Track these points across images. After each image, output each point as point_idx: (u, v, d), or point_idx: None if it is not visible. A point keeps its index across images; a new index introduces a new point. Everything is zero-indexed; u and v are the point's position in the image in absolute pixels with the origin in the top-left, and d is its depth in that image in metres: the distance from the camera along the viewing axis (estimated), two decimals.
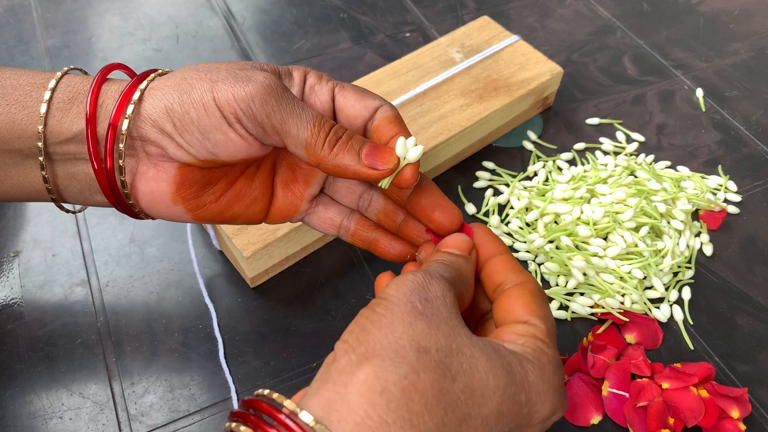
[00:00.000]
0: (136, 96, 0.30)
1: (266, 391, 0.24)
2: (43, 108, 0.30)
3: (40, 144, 0.31)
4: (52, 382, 0.41)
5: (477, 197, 0.52)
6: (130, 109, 0.30)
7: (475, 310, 0.33)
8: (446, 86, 0.53)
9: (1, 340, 0.43)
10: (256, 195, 0.34)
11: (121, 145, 0.30)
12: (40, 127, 0.30)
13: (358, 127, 0.33)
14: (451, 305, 0.26)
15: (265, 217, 0.36)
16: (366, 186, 0.36)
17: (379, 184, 0.31)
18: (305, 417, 0.22)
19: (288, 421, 0.22)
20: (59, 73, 0.32)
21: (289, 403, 0.23)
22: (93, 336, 0.43)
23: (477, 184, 0.53)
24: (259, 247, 0.43)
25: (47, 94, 0.31)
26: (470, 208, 0.51)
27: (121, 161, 0.31)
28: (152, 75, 0.32)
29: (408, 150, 0.30)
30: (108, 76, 0.32)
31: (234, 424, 0.24)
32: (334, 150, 0.30)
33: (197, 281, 0.46)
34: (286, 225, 0.44)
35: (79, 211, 0.37)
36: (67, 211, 0.36)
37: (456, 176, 0.53)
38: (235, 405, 0.40)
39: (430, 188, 0.33)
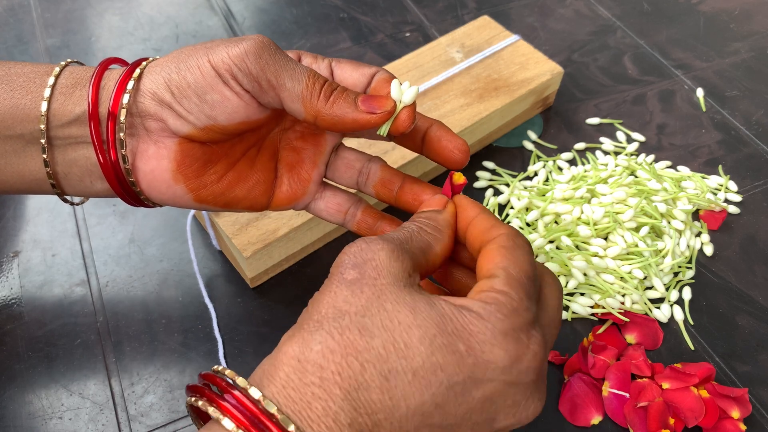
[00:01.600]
0: (136, 73, 0.32)
1: (220, 367, 0.26)
2: (47, 92, 0.31)
3: (42, 126, 0.31)
4: (52, 383, 0.41)
5: (477, 197, 0.52)
6: (130, 84, 0.31)
7: (465, 269, 0.33)
8: (446, 86, 0.53)
9: (0, 340, 0.43)
10: (259, 177, 0.35)
11: (122, 119, 0.31)
12: (44, 109, 0.31)
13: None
14: (382, 264, 0.26)
15: (268, 203, 0.36)
16: (365, 160, 0.36)
17: (379, 132, 0.32)
18: (254, 393, 0.24)
19: (239, 395, 0.24)
20: (63, 63, 0.33)
21: (240, 381, 0.25)
22: (92, 336, 0.43)
23: (477, 184, 0.52)
24: (259, 247, 0.43)
25: (51, 80, 0.32)
26: None
27: (122, 134, 0.32)
28: (151, 58, 0.33)
29: (403, 92, 0.31)
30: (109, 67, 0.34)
31: (192, 399, 0.25)
32: (330, 100, 0.31)
33: (197, 281, 0.46)
34: (286, 225, 0.43)
35: (80, 203, 0.38)
36: (69, 202, 0.36)
37: None
38: None
39: (436, 125, 0.34)
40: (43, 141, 0.32)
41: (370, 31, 0.66)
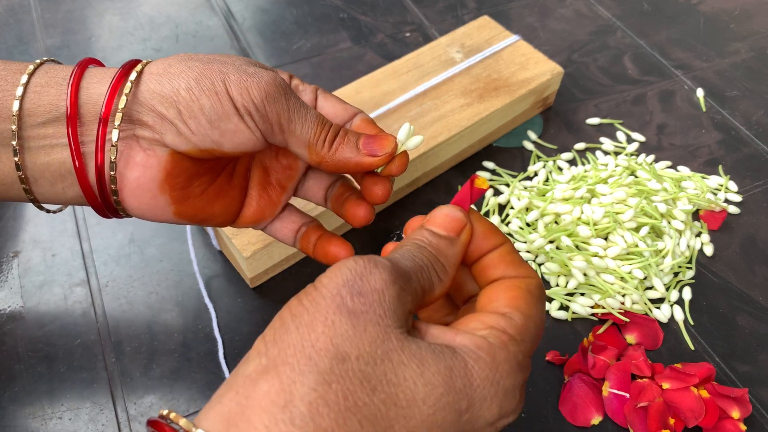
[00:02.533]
0: (132, 76, 0.30)
1: (165, 412, 0.23)
2: (19, 90, 0.29)
3: (13, 127, 0.29)
4: (52, 383, 0.41)
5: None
6: (127, 88, 0.30)
7: (461, 293, 0.31)
8: (446, 86, 0.53)
9: (0, 340, 0.43)
10: (235, 194, 0.35)
11: (116, 123, 0.30)
12: (16, 108, 0.29)
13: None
14: (390, 301, 0.23)
15: (234, 220, 0.36)
16: (333, 177, 0.37)
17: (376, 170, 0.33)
18: None
19: None
20: (38, 61, 0.31)
21: (184, 423, 0.22)
22: (92, 336, 0.43)
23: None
24: (259, 247, 0.43)
25: (24, 78, 0.30)
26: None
27: (114, 141, 0.30)
28: (143, 62, 0.31)
29: (410, 136, 0.32)
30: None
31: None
32: (333, 146, 0.32)
33: (197, 281, 0.46)
34: None
35: (56, 211, 0.36)
36: (44, 209, 0.34)
37: (456, 176, 0.53)
38: None
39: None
40: (14, 143, 0.30)
41: (370, 31, 0.66)
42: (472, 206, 0.30)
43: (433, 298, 0.26)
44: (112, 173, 0.31)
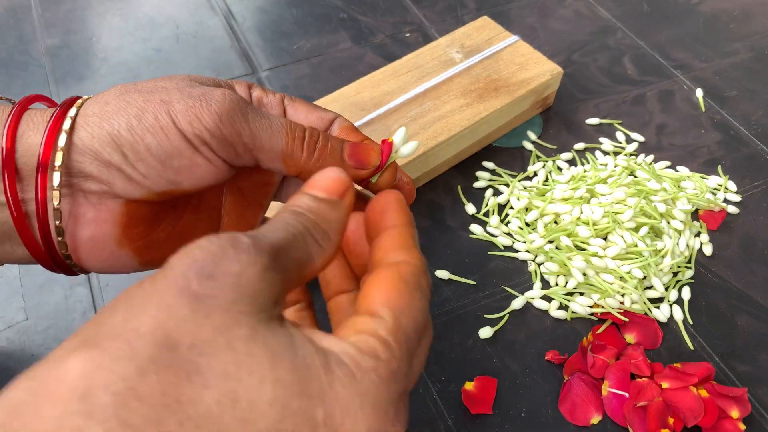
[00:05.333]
0: (66, 125, 0.26)
1: None
2: None
3: None
4: None
5: (477, 197, 0.52)
6: (62, 140, 0.25)
7: (360, 266, 0.28)
8: (446, 86, 0.53)
9: (1, 340, 0.43)
10: (205, 228, 0.31)
11: (55, 184, 0.26)
12: None
13: None
14: (248, 284, 0.19)
15: None
16: None
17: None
18: None
19: None
20: None
21: None
22: None
23: (477, 184, 0.53)
24: None
25: None
26: (470, 208, 0.51)
27: (55, 202, 0.26)
28: (80, 100, 0.27)
29: (405, 142, 0.29)
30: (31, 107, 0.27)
31: None
32: (315, 155, 0.27)
33: None
34: None
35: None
36: None
37: (456, 176, 0.53)
38: None
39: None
40: None
41: (370, 31, 0.67)
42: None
43: (315, 269, 0.22)
44: (59, 238, 0.27)
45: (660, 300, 0.46)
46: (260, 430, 0.17)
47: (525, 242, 0.48)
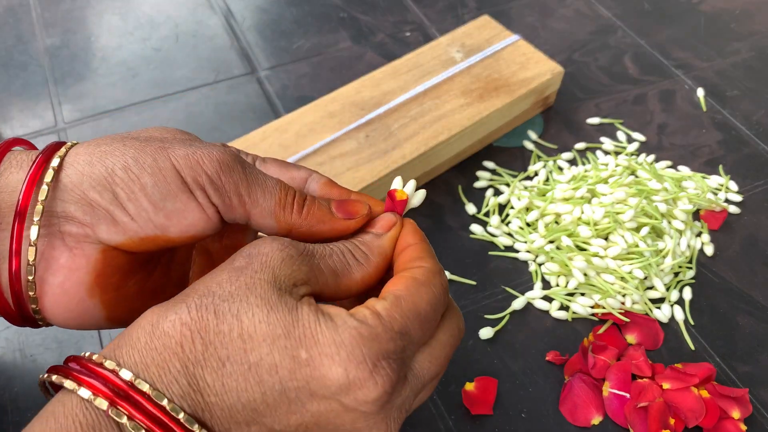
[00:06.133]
0: (54, 162, 0.26)
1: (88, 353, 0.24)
2: None
3: None
4: None
5: (477, 197, 0.52)
6: (48, 176, 0.26)
7: None
8: (447, 86, 0.53)
9: (1, 340, 0.43)
10: (172, 289, 0.31)
11: (32, 238, 0.26)
12: None
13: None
14: (271, 263, 0.25)
15: None
16: None
17: None
18: (109, 364, 0.23)
19: (91, 365, 0.23)
20: None
21: (89, 354, 0.24)
22: (92, 336, 0.43)
23: (477, 184, 0.52)
24: None
25: None
26: (470, 208, 0.51)
27: (30, 258, 0.26)
28: (69, 143, 0.27)
29: (412, 190, 0.30)
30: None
31: (45, 375, 0.24)
32: (304, 212, 0.28)
33: None
34: None
35: None
36: None
37: (456, 176, 0.53)
38: None
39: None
40: None
41: (370, 30, 0.66)
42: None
43: (355, 281, 0.27)
44: (30, 278, 0.26)
45: (661, 300, 0.46)
46: (255, 358, 0.23)
47: (526, 242, 0.48)
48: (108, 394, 0.22)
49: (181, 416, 0.23)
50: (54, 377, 0.23)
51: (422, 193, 0.31)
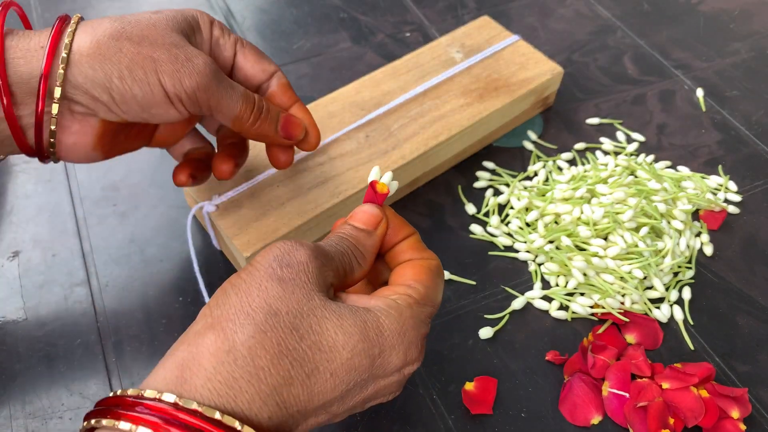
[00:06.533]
0: (62, 56, 0.31)
1: (119, 391, 0.25)
2: None
3: None
4: (52, 383, 0.41)
5: (477, 197, 0.52)
6: (59, 77, 0.31)
7: (378, 279, 0.35)
8: (446, 86, 0.53)
9: (1, 340, 0.43)
10: (150, 131, 0.39)
11: (54, 113, 0.32)
12: None
13: (253, 86, 0.39)
14: (313, 272, 0.28)
15: (149, 143, 0.40)
16: None
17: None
18: (168, 397, 0.24)
19: (151, 403, 0.24)
20: None
21: (149, 392, 0.24)
22: (93, 336, 0.43)
23: (477, 184, 0.52)
24: (258, 247, 0.43)
25: None
26: (470, 208, 0.51)
27: (52, 126, 0.33)
28: (70, 28, 0.32)
29: (389, 178, 0.34)
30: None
31: (93, 421, 0.24)
32: (257, 123, 0.36)
33: (197, 281, 0.46)
34: (287, 225, 0.43)
35: None
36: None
37: (456, 176, 0.53)
38: None
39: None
40: None
41: (370, 31, 0.67)
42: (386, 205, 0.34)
43: (355, 280, 0.31)
44: (51, 140, 0.34)
45: (660, 300, 0.46)
46: (338, 364, 0.26)
47: (525, 242, 0.48)
48: None
49: None
50: (104, 422, 0.24)
51: (396, 183, 0.34)
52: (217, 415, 0.23)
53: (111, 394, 0.25)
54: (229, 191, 0.45)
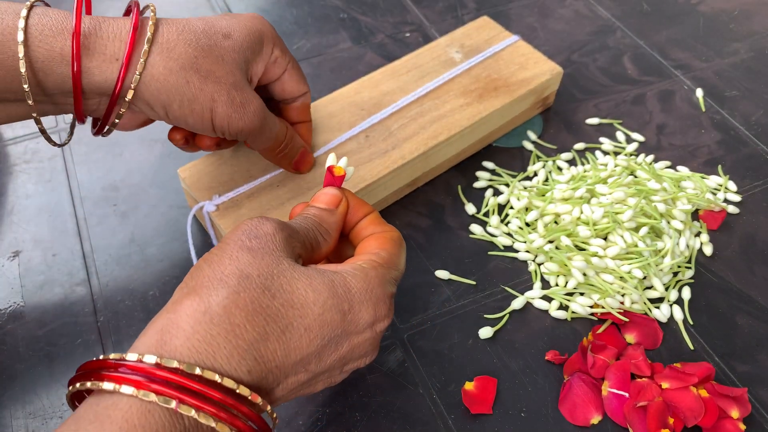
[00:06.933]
0: (137, 75, 0.34)
1: (101, 356, 0.27)
2: (22, 67, 0.32)
3: (26, 87, 0.33)
4: (52, 382, 0.41)
5: (477, 197, 0.52)
6: (135, 80, 0.34)
7: (342, 257, 0.37)
8: (446, 86, 0.53)
9: (1, 339, 0.43)
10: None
11: (121, 111, 0.36)
12: (26, 87, 0.33)
13: (283, 99, 0.43)
14: (280, 242, 0.30)
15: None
16: None
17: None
18: (149, 359, 0.25)
19: (133, 363, 0.25)
20: (27, 4, 0.33)
21: (129, 355, 0.26)
22: (93, 336, 0.43)
23: (477, 184, 0.53)
24: None
25: (21, 23, 0.32)
26: (470, 208, 0.51)
27: (117, 120, 0.37)
28: (146, 39, 0.34)
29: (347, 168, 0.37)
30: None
31: (78, 384, 0.26)
32: (277, 157, 0.42)
33: None
34: None
35: (63, 144, 0.40)
36: (53, 143, 0.38)
37: (456, 176, 0.53)
38: None
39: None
40: (30, 101, 0.33)
41: (370, 31, 0.67)
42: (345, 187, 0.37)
43: (321, 255, 0.34)
44: (117, 121, 0.37)
45: (660, 300, 0.46)
46: (311, 320, 0.28)
47: (525, 242, 0.48)
48: (174, 394, 0.24)
49: (248, 394, 0.26)
50: (89, 384, 0.25)
51: (352, 169, 0.37)
52: (198, 371, 0.25)
53: (93, 359, 0.27)
54: (230, 191, 0.45)
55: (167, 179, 0.52)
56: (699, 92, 0.60)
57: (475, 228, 0.49)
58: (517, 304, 0.45)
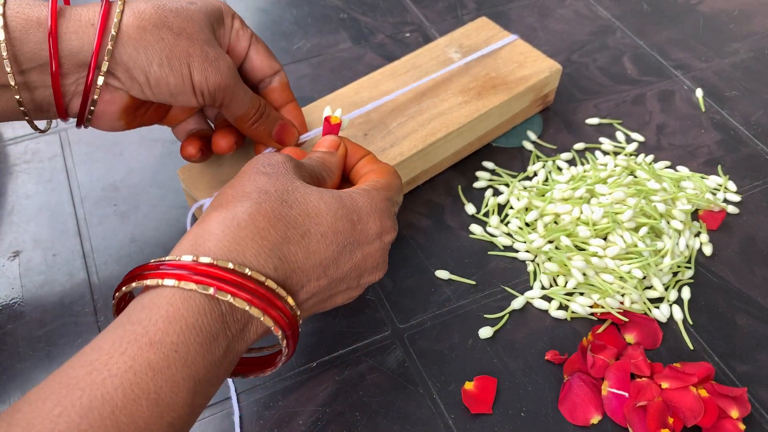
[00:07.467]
0: (112, 32, 0.34)
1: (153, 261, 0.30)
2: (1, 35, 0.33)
3: (8, 69, 0.34)
4: None
5: (477, 197, 0.52)
6: (107, 52, 0.35)
7: None
8: (445, 85, 0.53)
9: (1, 339, 0.43)
10: (167, 108, 0.42)
11: (99, 83, 0.36)
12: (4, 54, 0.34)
13: (258, 79, 0.44)
14: (291, 169, 0.34)
15: (162, 121, 0.44)
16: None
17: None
18: (186, 258, 0.29)
19: (173, 261, 0.29)
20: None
21: (154, 261, 0.29)
22: (93, 336, 0.43)
23: (477, 184, 0.53)
24: None
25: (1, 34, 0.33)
26: (470, 208, 0.51)
27: (95, 96, 0.37)
28: (118, 5, 0.35)
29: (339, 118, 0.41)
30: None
31: (123, 288, 0.30)
32: (255, 125, 0.41)
33: None
34: None
35: (45, 130, 0.40)
36: (36, 128, 0.39)
37: (456, 176, 0.53)
38: (235, 405, 0.40)
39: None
40: (7, 69, 0.34)
41: (370, 31, 0.67)
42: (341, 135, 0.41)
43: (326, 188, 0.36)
44: (89, 116, 0.38)
45: (660, 300, 0.46)
46: (324, 227, 0.32)
47: (525, 242, 0.48)
48: (211, 282, 0.28)
49: (276, 287, 0.30)
50: (133, 285, 0.29)
51: (347, 119, 0.42)
52: (230, 265, 0.28)
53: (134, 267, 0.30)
54: None
55: (167, 179, 0.52)
56: (699, 92, 0.60)
57: (474, 228, 0.49)
58: (516, 304, 0.45)
